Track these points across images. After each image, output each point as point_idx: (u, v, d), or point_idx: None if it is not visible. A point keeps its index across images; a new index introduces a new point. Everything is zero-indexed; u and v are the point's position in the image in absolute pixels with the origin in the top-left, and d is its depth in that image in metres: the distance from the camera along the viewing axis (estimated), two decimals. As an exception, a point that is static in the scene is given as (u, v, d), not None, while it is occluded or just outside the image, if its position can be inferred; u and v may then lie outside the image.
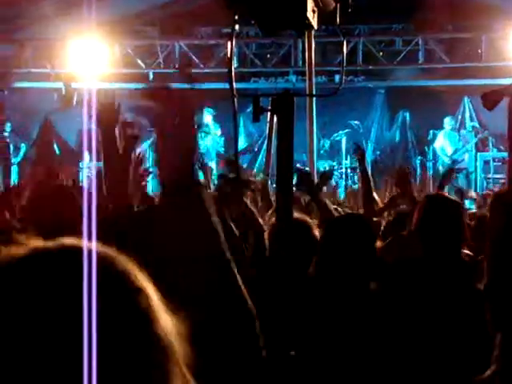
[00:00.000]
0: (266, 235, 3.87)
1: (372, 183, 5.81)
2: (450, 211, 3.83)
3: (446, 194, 5.28)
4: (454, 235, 3.73)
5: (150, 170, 7.37)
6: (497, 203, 3.26)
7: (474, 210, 8.30)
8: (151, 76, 15.53)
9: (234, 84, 3.12)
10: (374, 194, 5.84)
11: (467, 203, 9.38)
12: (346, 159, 15.31)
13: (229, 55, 3.17)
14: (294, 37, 14.13)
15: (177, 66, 15.16)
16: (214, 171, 15.18)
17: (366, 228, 3.73)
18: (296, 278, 3.33)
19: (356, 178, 15.14)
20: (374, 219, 5.34)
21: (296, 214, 3.88)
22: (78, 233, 1.14)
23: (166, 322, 1.07)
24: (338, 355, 3.29)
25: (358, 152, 6.16)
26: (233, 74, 3.11)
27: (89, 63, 13.74)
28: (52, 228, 2.82)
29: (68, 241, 1.08)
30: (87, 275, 1.01)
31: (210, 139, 15.69)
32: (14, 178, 15.81)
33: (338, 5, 3.10)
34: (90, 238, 1.13)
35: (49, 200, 3.10)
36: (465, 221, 3.94)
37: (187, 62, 14.46)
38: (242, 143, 16.96)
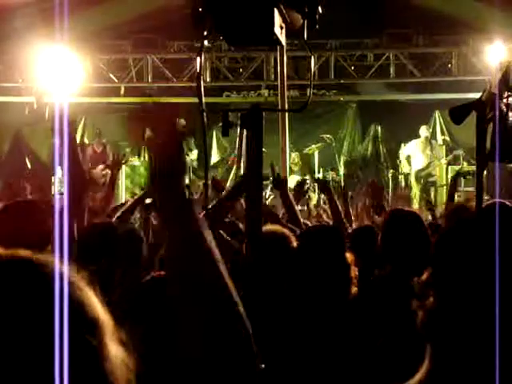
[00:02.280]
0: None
1: (342, 202, 5.98)
2: (410, 225, 3.88)
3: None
4: (416, 249, 3.78)
5: None
6: (452, 216, 3.34)
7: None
8: (123, 90, 15.51)
9: (203, 98, 3.13)
10: (345, 209, 5.98)
11: None
12: (319, 173, 15.38)
13: (198, 70, 3.18)
14: (266, 51, 14.20)
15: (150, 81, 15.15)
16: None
17: (337, 239, 3.78)
18: (271, 289, 3.34)
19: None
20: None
21: (271, 226, 3.90)
22: (44, 249, 1.11)
23: (116, 356, 1.03)
24: (311, 365, 3.30)
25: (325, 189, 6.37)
26: (202, 88, 3.13)
27: (60, 77, 13.68)
28: (18, 243, 2.81)
29: (26, 253, 1.06)
30: (39, 293, 0.99)
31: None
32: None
33: (306, 21, 3.12)
34: (61, 256, 1.10)
35: (15, 215, 3.08)
36: (426, 233, 3.97)
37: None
38: (215, 157, 16.98)
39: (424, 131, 15.52)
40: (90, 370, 1.00)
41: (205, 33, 3.11)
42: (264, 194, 11.42)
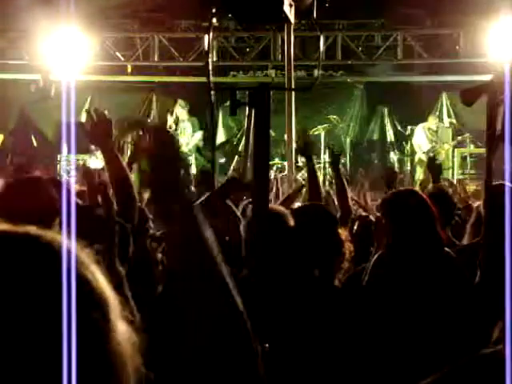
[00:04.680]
0: (241, 228, 3.87)
1: (346, 181, 5.93)
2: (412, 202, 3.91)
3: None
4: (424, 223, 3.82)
5: None
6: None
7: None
8: (130, 69, 15.49)
9: (211, 77, 3.12)
10: (348, 191, 5.96)
11: None
12: (325, 154, 15.33)
13: (206, 48, 3.17)
14: (274, 31, 14.14)
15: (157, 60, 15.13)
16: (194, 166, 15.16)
17: (327, 215, 3.83)
18: (273, 269, 3.35)
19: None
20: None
21: (270, 205, 3.91)
22: (50, 227, 1.10)
23: (123, 334, 1.03)
24: (311, 344, 3.31)
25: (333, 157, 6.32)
26: (210, 67, 3.12)
27: (67, 55, 13.66)
28: (24, 220, 2.80)
29: (36, 231, 1.05)
30: (49, 271, 0.99)
31: (188, 134, 15.65)
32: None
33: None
34: (68, 234, 1.09)
35: (22, 192, 3.07)
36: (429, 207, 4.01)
37: None
38: (220, 137, 16.94)
39: (431, 120, 15.46)
40: (97, 347, 1.00)
41: (213, 10, 3.10)
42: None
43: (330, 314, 3.39)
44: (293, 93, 10.93)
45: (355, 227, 5.19)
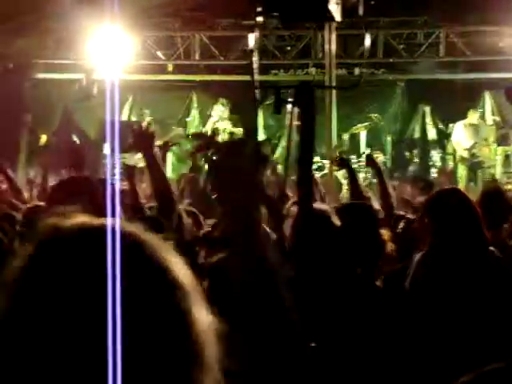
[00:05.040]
0: (287, 226, 3.88)
1: (386, 179, 5.90)
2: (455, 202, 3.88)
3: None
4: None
5: None
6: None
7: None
8: (170, 68, 15.55)
9: (255, 75, 3.13)
10: (390, 190, 5.92)
11: None
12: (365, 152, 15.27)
13: (251, 47, 3.18)
14: (314, 29, 14.09)
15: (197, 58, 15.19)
16: None
17: (369, 214, 3.82)
18: (317, 268, 3.34)
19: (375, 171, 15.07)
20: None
21: (315, 204, 3.91)
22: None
23: (203, 320, 1.04)
24: (357, 342, 3.30)
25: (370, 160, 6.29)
26: (254, 65, 3.13)
27: (109, 54, 13.77)
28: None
29: (117, 223, 1.06)
30: (130, 262, 1.00)
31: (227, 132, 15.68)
32: (34, 169, 15.89)
33: (362, -4, 3.10)
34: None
35: (72, 191, 3.10)
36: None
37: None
38: (260, 136, 16.95)
39: (472, 115, 15.27)
40: (181, 336, 1.01)
41: (258, 9, 3.11)
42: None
43: (372, 313, 3.39)
44: (334, 91, 10.91)
45: (399, 227, 5.16)
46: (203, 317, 1.04)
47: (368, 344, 3.31)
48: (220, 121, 15.76)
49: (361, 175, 14.68)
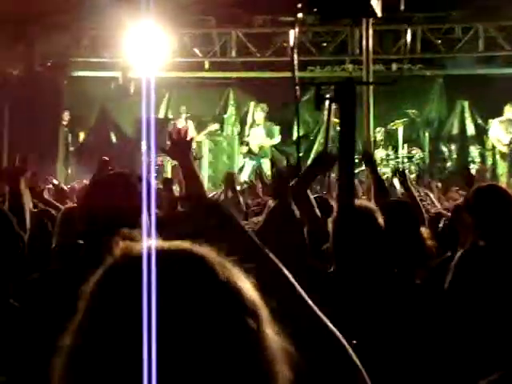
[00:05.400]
0: (329, 223, 3.85)
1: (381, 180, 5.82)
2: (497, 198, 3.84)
3: None
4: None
5: None
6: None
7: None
8: (207, 65, 15.58)
9: (296, 72, 3.11)
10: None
11: None
12: (403, 149, 15.16)
13: (291, 44, 3.16)
14: (351, 25, 14.02)
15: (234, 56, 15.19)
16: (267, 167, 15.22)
17: (411, 213, 3.78)
18: (358, 266, 3.32)
19: (412, 167, 14.99)
20: None
21: (358, 201, 3.88)
22: (136, 224, 1.11)
23: (274, 343, 1.03)
24: (398, 340, 3.28)
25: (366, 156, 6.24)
26: (295, 62, 3.10)
27: (146, 52, 13.83)
28: (110, 217, 2.83)
29: (186, 245, 1.06)
30: (202, 285, 1.00)
31: (261, 138, 15.69)
32: (72, 166, 16.04)
33: (403, -9, 3.07)
34: (149, 232, 1.10)
35: (108, 188, 3.10)
36: None
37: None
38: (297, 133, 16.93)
39: (509, 110, 15.07)
40: (252, 356, 1.00)
41: (298, 6, 3.09)
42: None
43: (411, 311, 3.36)
44: (371, 87, 10.85)
45: (440, 225, 5.12)
46: (273, 336, 1.04)
47: (406, 342, 3.28)
48: (254, 126, 15.78)
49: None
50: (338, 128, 3.04)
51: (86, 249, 2.93)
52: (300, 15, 3.03)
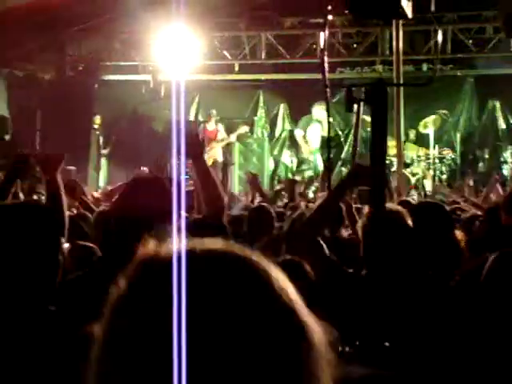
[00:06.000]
0: (359, 226, 3.84)
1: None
2: None
3: None
4: None
5: None
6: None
7: None
8: (237, 67, 15.61)
9: (326, 74, 3.11)
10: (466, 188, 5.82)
11: None
12: (434, 149, 15.06)
13: (321, 45, 3.16)
14: (381, 26, 13.97)
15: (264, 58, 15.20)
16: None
17: (445, 215, 3.76)
18: (390, 269, 3.31)
19: (444, 168, 14.90)
20: None
21: (388, 204, 3.87)
22: (167, 226, 1.09)
23: (320, 343, 1.00)
24: (431, 342, 3.26)
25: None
26: (326, 64, 3.11)
27: (176, 55, 13.89)
28: (141, 220, 2.85)
29: (222, 245, 1.03)
30: (244, 287, 0.97)
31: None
32: (103, 170, 16.17)
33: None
34: (179, 233, 1.09)
35: (139, 191, 3.12)
36: None
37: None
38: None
39: None
40: (298, 362, 0.97)
41: (329, 7, 3.09)
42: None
43: (445, 313, 3.35)
44: (401, 88, 10.81)
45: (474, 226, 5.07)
46: (325, 355, 1.00)
47: (440, 344, 3.27)
48: (314, 123, 15.71)
49: (430, 172, 14.54)
50: (369, 129, 3.04)
51: (118, 251, 2.95)
52: (330, 17, 3.03)
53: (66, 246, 4.47)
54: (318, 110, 15.45)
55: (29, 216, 2.55)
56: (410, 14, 3.12)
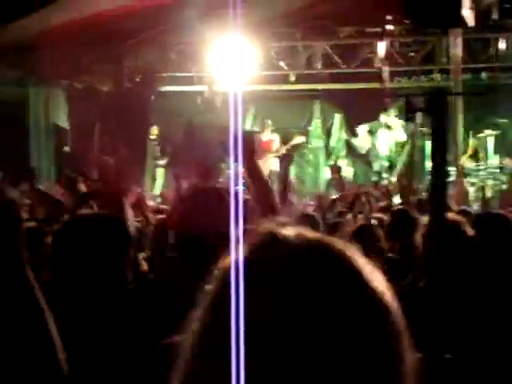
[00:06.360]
0: (418, 236, 3.80)
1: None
2: None
3: None
4: None
5: None
6: None
7: None
8: (293, 78, 15.61)
9: (387, 83, 3.09)
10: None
11: None
12: (493, 159, 14.79)
13: (380, 55, 3.14)
14: (438, 35, 13.83)
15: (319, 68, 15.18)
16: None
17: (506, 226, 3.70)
18: (451, 280, 3.26)
19: (504, 178, 14.64)
20: None
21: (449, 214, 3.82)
22: (226, 237, 1.07)
23: (411, 354, 0.97)
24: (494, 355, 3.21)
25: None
26: (386, 74, 3.09)
27: (231, 66, 13.95)
28: (199, 230, 2.86)
29: (325, 238, 1.01)
30: (342, 281, 0.95)
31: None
32: (160, 181, 16.30)
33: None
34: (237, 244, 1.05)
35: (197, 202, 3.13)
36: None
37: None
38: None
39: None
40: (389, 367, 0.95)
41: (388, 17, 3.07)
42: None
43: (507, 323, 3.29)
44: (460, 96, 10.69)
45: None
46: (411, 356, 0.97)
47: (503, 357, 3.21)
48: (384, 128, 15.56)
49: (489, 182, 14.29)
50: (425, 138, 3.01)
51: (179, 261, 2.97)
52: (389, 26, 3.01)
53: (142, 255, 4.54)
54: (387, 118, 15.32)
55: (104, 227, 2.69)
56: (471, 23, 3.08)
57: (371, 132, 15.65)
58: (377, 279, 0.98)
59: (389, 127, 15.49)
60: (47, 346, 1.91)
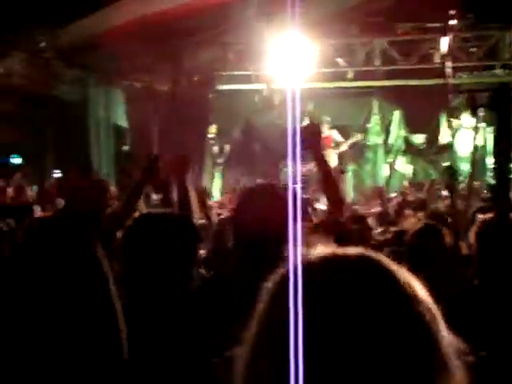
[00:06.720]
0: (472, 233, 3.73)
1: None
2: None
3: None
4: None
5: None
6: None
7: None
8: (351, 74, 15.52)
9: (451, 79, 3.04)
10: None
11: None
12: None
13: (443, 50, 3.09)
14: (500, 29, 13.56)
15: (378, 64, 15.06)
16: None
17: None
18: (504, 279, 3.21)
19: None
20: None
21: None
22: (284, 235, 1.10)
23: (448, 341, 1.01)
24: None
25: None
26: (449, 69, 3.04)
27: (290, 64, 13.93)
28: (258, 229, 2.86)
29: (360, 251, 1.06)
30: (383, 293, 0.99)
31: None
32: (218, 179, 16.38)
33: None
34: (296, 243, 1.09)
35: (256, 200, 3.12)
36: None
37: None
38: (442, 139, 16.58)
39: None
40: (429, 355, 0.98)
41: (451, 12, 3.02)
42: None
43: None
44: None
45: None
46: (448, 337, 1.01)
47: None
48: (461, 129, 15.35)
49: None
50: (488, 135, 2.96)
51: (237, 259, 2.99)
52: (452, 22, 2.96)
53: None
54: (468, 118, 15.06)
55: (174, 226, 2.74)
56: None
57: (451, 128, 15.41)
58: (421, 293, 1.03)
59: (472, 128, 15.18)
60: (115, 334, 1.94)
